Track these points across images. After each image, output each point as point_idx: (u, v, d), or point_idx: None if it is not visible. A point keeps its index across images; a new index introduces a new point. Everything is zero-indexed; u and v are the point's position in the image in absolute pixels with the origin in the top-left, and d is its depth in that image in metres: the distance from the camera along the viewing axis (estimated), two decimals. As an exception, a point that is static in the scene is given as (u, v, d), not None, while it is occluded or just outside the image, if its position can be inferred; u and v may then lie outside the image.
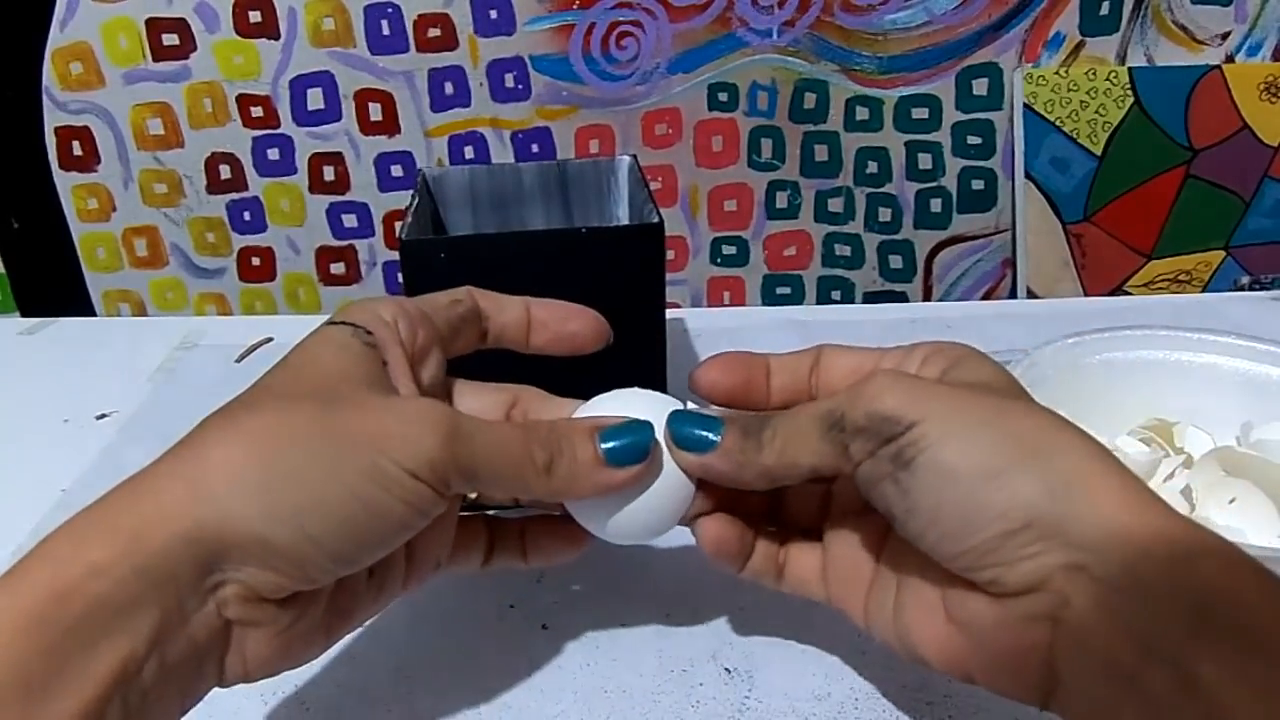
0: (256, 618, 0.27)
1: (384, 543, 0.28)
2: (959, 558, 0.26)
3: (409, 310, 0.32)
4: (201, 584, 0.25)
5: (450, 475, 0.28)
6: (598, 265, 0.42)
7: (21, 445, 0.55)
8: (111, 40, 1.20)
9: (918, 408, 0.27)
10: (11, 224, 1.31)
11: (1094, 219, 1.27)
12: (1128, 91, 1.22)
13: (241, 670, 0.27)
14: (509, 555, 0.35)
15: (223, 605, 0.26)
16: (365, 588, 0.31)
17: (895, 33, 1.21)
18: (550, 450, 0.30)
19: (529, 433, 0.30)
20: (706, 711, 0.36)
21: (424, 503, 0.28)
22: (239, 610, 0.26)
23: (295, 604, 0.27)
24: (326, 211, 1.30)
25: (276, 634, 0.27)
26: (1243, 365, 0.45)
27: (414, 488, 0.27)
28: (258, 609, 0.26)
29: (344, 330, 0.31)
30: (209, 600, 0.25)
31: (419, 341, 0.32)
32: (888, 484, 0.27)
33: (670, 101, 1.24)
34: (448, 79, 1.23)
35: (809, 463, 0.29)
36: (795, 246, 1.33)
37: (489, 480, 0.29)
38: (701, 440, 0.31)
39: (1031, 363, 0.44)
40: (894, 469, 0.27)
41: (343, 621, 0.30)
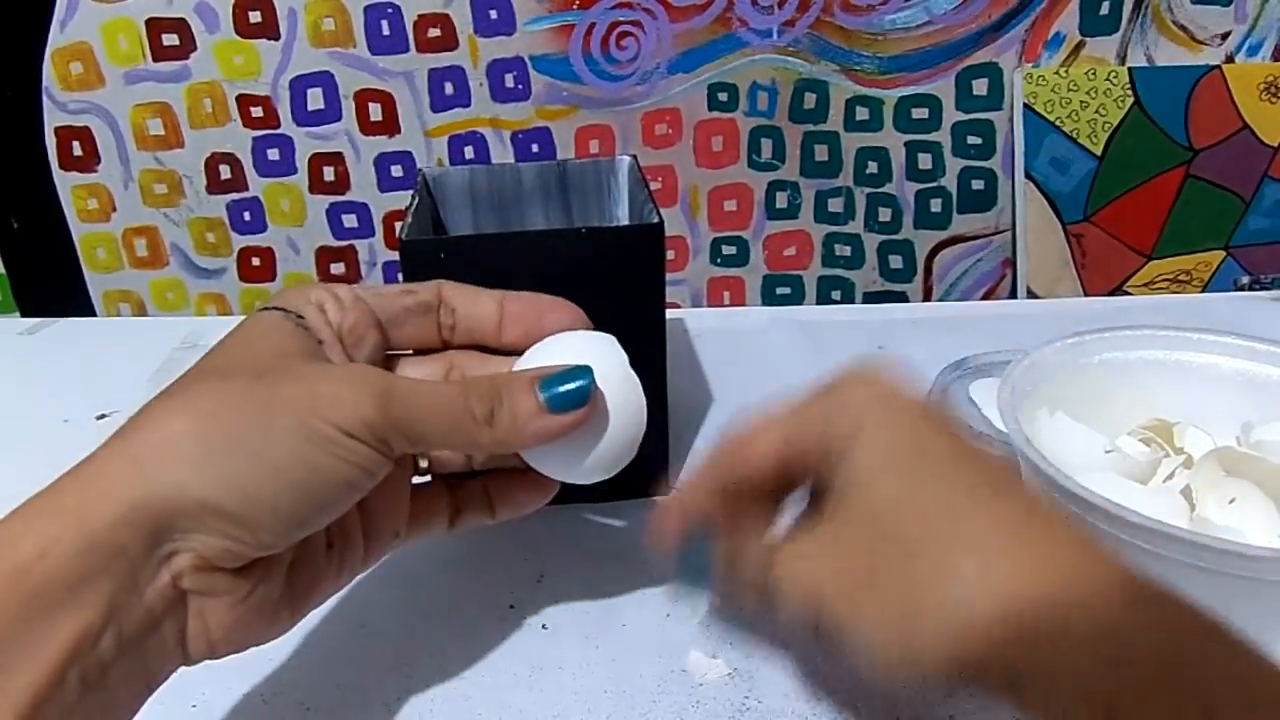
0: (212, 586, 0.27)
1: (331, 503, 0.28)
2: None
3: (340, 295, 0.33)
4: (152, 555, 0.25)
5: (388, 435, 0.28)
6: (598, 265, 0.42)
7: (21, 445, 0.55)
8: (111, 40, 1.20)
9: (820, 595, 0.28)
10: (11, 224, 1.31)
11: (1094, 219, 1.27)
12: (1128, 91, 1.22)
13: (205, 644, 0.27)
14: (476, 512, 0.35)
15: (177, 576, 0.26)
16: (325, 561, 0.31)
17: (895, 33, 1.21)
18: (490, 402, 0.30)
19: (467, 387, 0.30)
20: (706, 711, 0.36)
21: (366, 461, 0.28)
22: (194, 580, 0.26)
23: (252, 573, 0.28)
24: (326, 211, 1.30)
25: (235, 604, 0.27)
26: (1243, 365, 0.44)
27: (352, 446, 0.28)
28: (213, 578, 0.27)
29: (275, 314, 0.31)
30: (162, 571, 0.26)
31: (350, 322, 0.32)
32: None
33: (670, 101, 1.24)
34: (448, 79, 1.23)
35: None
36: (795, 246, 1.33)
37: (430, 437, 0.30)
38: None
39: (1031, 363, 0.44)
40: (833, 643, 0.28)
41: (305, 596, 0.30)
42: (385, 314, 0.33)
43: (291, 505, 0.27)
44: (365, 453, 0.28)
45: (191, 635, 0.27)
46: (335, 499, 0.28)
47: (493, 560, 0.43)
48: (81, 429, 0.56)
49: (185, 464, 0.26)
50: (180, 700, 0.36)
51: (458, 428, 0.30)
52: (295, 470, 0.27)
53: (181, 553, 0.26)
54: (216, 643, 0.27)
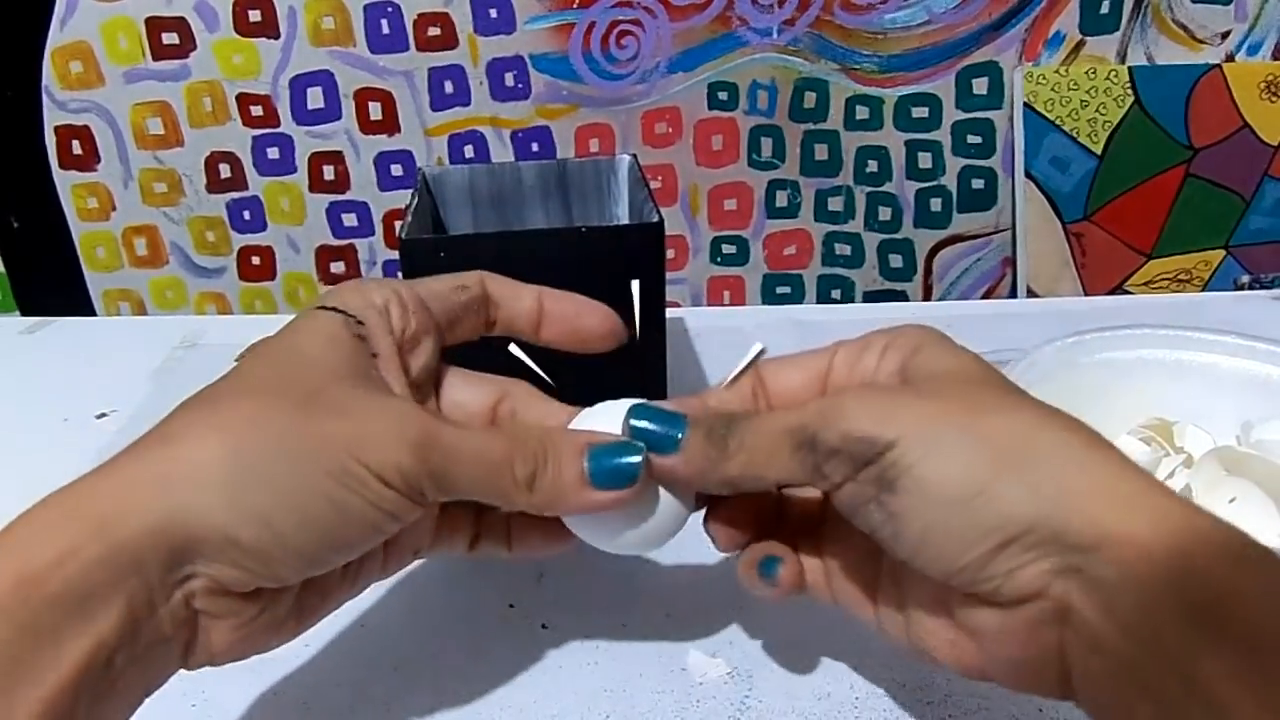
0: (222, 610, 0.26)
1: (353, 545, 0.28)
2: (953, 575, 0.26)
3: (404, 296, 0.32)
4: (169, 576, 0.25)
5: (423, 484, 0.28)
6: (598, 265, 0.42)
7: (21, 445, 0.55)
8: (111, 39, 1.20)
9: (893, 425, 0.26)
10: (11, 223, 1.31)
11: (1094, 218, 1.27)
12: (1128, 90, 1.22)
13: (206, 657, 0.27)
14: (494, 543, 0.34)
15: (190, 596, 0.26)
16: (339, 578, 0.30)
17: (895, 32, 1.21)
18: (534, 464, 0.29)
19: (513, 443, 0.29)
20: (706, 711, 0.36)
21: (396, 508, 0.27)
22: (205, 602, 0.26)
23: (261, 598, 0.27)
24: (326, 211, 1.30)
25: (241, 625, 0.27)
26: (1243, 365, 0.44)
27: (383, 493, 0.27)
28: (223, 602, 0.26)
29: (334, 319, 0.30)
30: (176, 592, 0.25)
31: (412, 329, 0.31)
32: (872, 508, 0.27)
33: (670, 100, 1.24)
34: (448, 78, 1.23)
35: (776, 477, 0.29)
36: (795, 245, 1.33)
37: (466, 490, 0.29)
38: (663, 440, 0.30)
39: (1031, 363, 0.44)
40: (877, 492, 0.26)
41: (313, 612, 0.30)
42: (443, 315, 0.33)
43: (313, 545, 0.26)
44: (396, 500, 0.27)
45: (196, 649, 0.27)
46: (356, 542, 0.28)
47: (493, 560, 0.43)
48: (81, 428, 0.56)
49: (214, 491, 0.25)
50: (180, 700, 0.36)
51: (496, 487, 0.29)
52: (324, 513, 0.26)
53: (198, 576, 0.26)
54: (218, 656, 0.27)
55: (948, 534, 0.25)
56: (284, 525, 0.26)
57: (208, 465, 0.25)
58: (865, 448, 0.27)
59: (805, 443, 0.28)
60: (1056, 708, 0.35)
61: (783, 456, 0.28)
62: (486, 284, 0.34)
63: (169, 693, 0.27)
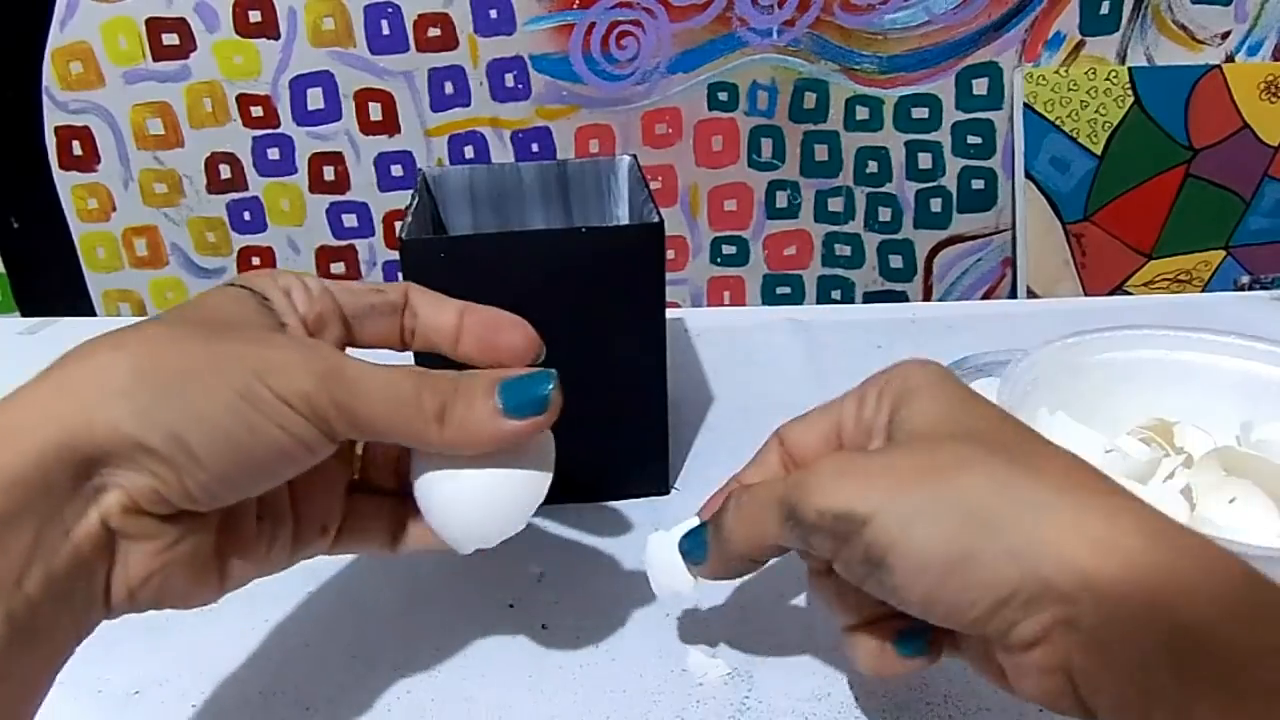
0: (139, 530, 0.26)
1: (265, 469, 0.27)
2: (966, 629, 0.27)
3: (308, 284, 0.32)
4: (80, 489, 0.25)
5: (329, 414, 0.27)
6: (598, 265, 0.42)
7: (21, 445, 0.55)
8: (111, 40, 1.20)
9: (866, 499, 0.27)
10: (11, 224, 1.31)
11: (1094, 219, 1.27)
12: (1128, 91, 1.22)
13: (126, 592, 0.27)
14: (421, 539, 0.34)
15: (106, 516, 0.25)
16: (256, 535, 0.30)
17: (895, 32, 1.21)
18: (443, 397, 0.29)
19: (422, 379, 0.29)
20: (706, 711, 0.36)
21: (303, 434, 0.27)
22: (121, 520, 0.26)
23: (178, 523, 0.27)
24: (326, 211, 1.30)
25: (159, 551, 0.27)
26: (1243, 365, 0.44)
27: (290, 416, 0.27)
28: (140, 521, 0.26)
29: (241, 292, 0.30)
30: (90, 508, 0.25)
31: (315, 313, 0.32)
32: (871, 583, 0.28)
33: (670, 101, 1.24)
34: (448, 79, 1.23)
35: (774, 543, 0.30)
36: (795, 246, 1.33)
37: (375, 424, 0.29)
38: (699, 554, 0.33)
39: (1031, 363, 0.44)
40: (869, 569, 0.27)
41: (232, 565, 0.30)
42: (351, 309, 0.33)
43: (223, 462, 0.26)
44: (304, 426, 0.27)
45: (115, 579, 0.26)
46: (269, 465, 0.27)
47: (493, 560, 0.43)
48: (81, 429, 0.56)
49: (120, 400, 0.25)
50: (180, 700, 0.36)
51: (406, 420, 0.29)
52: (230, 426, 0.26)
53: (110, 489, 0.25)
54: (136, 590, 0.27)
55: (946, 600, 0.26)
56: (192, 437, 0.26)
57: (112, 376, 0.25)
58: (842, 524, 0.27)
59: (789, 515, 0.29)
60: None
61: (773, 527, 0.30)
62: (410, 294, 0.34)
63: (168, 692, 0.27)
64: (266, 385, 0.27)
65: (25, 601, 0.24)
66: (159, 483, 0.26)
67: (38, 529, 0.24)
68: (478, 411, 0.29)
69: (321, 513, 0.32)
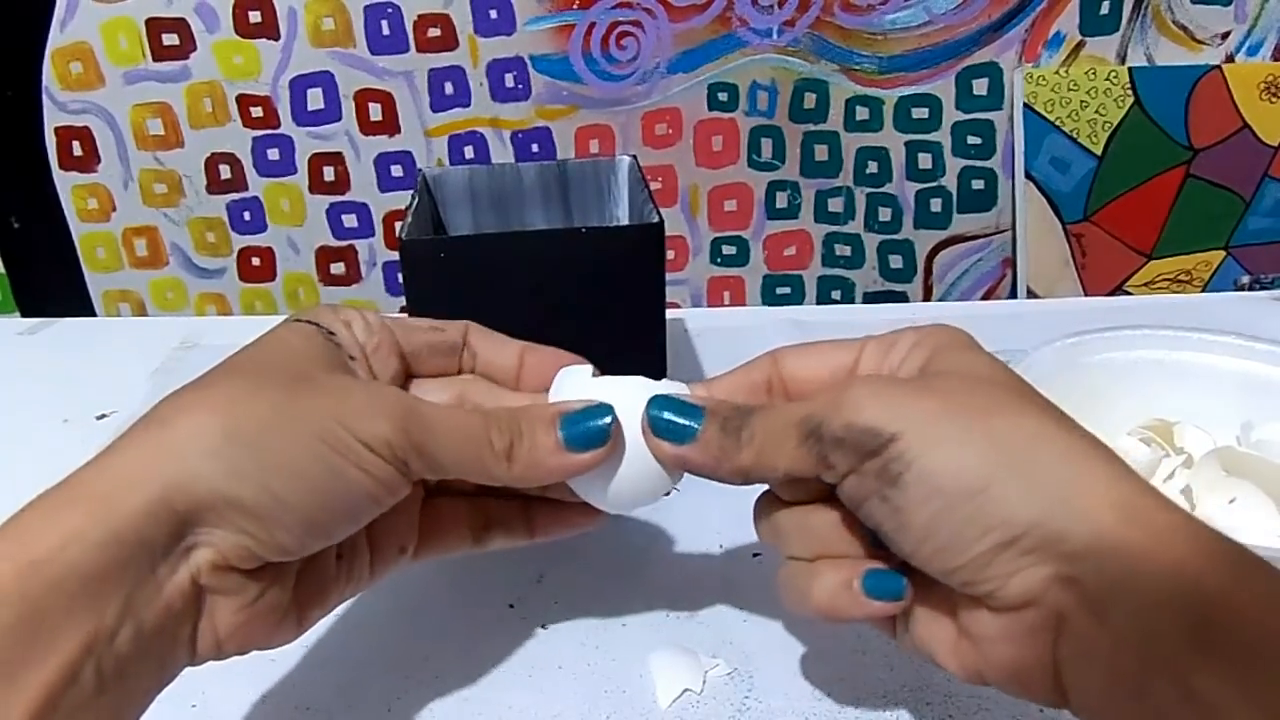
0: (227, 585, 0.27)
1: (349, 513, 0.28)
2: (953, 574, 0.26)
3: (369, 319, 0.33)
4: (174, 548, 0.25)
5: (408, 456, 0.28)
6: (598, 265, 0.42)
7: (21, 445, 0.55)
8: (111, 40, 1.20)
9: (898, 418, 0.27)
10: (11, 224, 1.31)
11: (1094, 219, 1.27)
12: (1128, 91, 1.22)
13: (213, 642, 0.27)
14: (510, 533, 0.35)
15: (196, 572, 0.26)
16: (335, 571, 0.31)
17: (895, 33, 1.21)
18: (510, 435, 0.30)
19: (488, 418, 0.30)
20: (706, 711, 0.36)
21: (385, 476, 0.28)
22: (210, 577, 0.26)
23: (263, 575, 0.28)
24: (326, 211, 1.30)
25: (244, 605, 0.27)
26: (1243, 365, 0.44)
27: (371, 459, 0.28)
28: (228, 577, 0.27)
29: (308, 327, 0.31)
30: (182, 566, 0.26)
31: (373, 346, 0.33)
32: (875, 501, 0.27)
33: (670, 101, 1.24)
34: (448, 79, 1.23)
35: (784, 467, 0.29)
36: (795, 246, 1.33)
37: (449, 465, 0.30)
38: (680, 431, 0.31)
39: (1031, 363, 0.44)
40: (881, 486, 0.27)
41: (312, 604, 0.30)
42: (409, 346, 0.34)
43: (311, 510, 0.27)
44: (385, 469, 0.28)
45: (202, 632, 0.27)
46: (354, 509, 0.28)
47: (493, 560, 0.43)
48: (81, 429, 0.56)
49: (212, 459, 0.26)
50: (180, 700, 0.36)
51: (477, 459, 0.30)
52: (318, 475, 0.27)
53: (202, 547, 0.26)
54: (223, 642, 0.27)
55: (949, 530, 0.26)
56: (281, 487, 0.26)
57: (202, 437, 0.26)
58: (869, 438, 0.27)
59: (812, 432, 0.28)
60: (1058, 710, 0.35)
61: (790, 446, 0.29)
62: (470, 334, 0.35)
63: (169, 692, 0.27)
64: (349, 430, 0.27)
65: (115, 657, 0.24)
66: (250, 539, 0.26)
67: (132, 587, 0.24)
68: (542, 448, 0.30)
69: (399, 535, 0.33)
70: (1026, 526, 0.25)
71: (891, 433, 0.26)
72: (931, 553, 0.26)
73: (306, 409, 0.28)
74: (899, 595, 0.29)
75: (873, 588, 0.29)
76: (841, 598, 0.29)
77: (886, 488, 0.26)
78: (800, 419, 0.29)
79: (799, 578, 0.30)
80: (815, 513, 0.31)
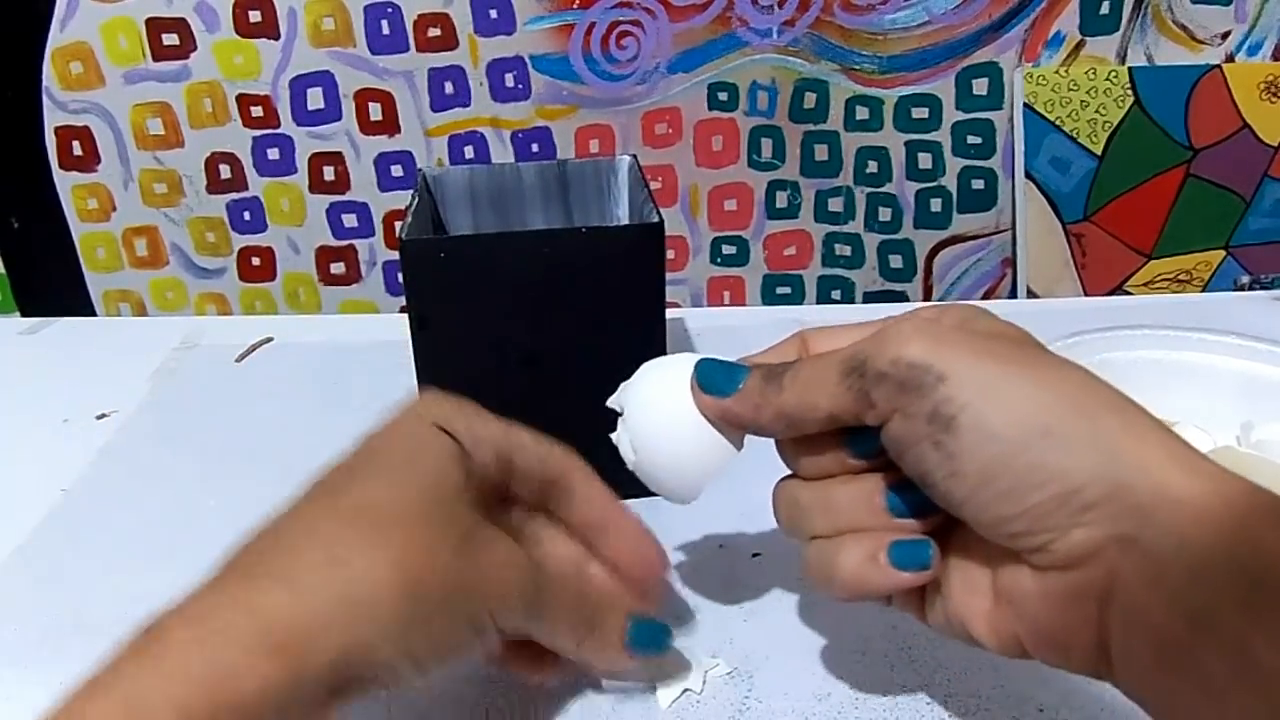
0: None
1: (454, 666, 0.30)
2: (1008, 523, 0.25)
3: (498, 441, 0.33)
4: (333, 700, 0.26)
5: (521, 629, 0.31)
6: (598, 265, 0.42)
7: (21, 445, 0.55)
8: (111, 40, 1.20)
9: (946, 358, 0.26)
10: (11, 224, 1.31)
11: (1094, 219, 1.27)
12: (1128, 91, 1.22)
13: None
14: None
15: None
16: None
17: (895, 32, 1.21)
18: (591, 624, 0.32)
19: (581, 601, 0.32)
20: (706, 711, 0.36)
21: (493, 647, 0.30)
22: None
23: None
24: (326, 211, 1.30)
25: None
26: (1243, 365, 0.45)
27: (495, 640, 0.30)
28: None
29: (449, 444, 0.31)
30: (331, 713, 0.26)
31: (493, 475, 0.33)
32: (926, 447, 0.26)
33: (670, 101, 1.24)
34: (448, 79, 1.23)
35: (826, 406, 0.28)
36: (795, 246, 1.33)
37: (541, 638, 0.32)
38: (724, 384, 0.31)
39: (1031, 363, 0.44)
40: (932, 430, 0.26)
41: None
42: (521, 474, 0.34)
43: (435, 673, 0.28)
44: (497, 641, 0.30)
45: None
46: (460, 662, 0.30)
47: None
48: (81, 429, 0.56)
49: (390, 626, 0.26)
50: (180, 700, 0.36)
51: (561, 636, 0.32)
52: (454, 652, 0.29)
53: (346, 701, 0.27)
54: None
55: (1008, 477, 0.25)
56: (428, 661, 0.28)
57: (385, 598, 0.26)
58: (916, 375, 0.26)
59: (855, 369, 0.28)
60: (1057, 709, 0.35)
61: (830, 384, 0.28)
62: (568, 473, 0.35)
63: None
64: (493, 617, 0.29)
65: None
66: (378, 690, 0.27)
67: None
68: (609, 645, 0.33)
69: None
70: (1089, 476, 0.24)
71: (940, 371, 0.26)
72: (986, 501, 0.25)
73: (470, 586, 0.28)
74: (926, 564, 0.28)
75: (899, 558, 0.28)
76: (868, 570, 0.29)
77: (939, 432, 0.26)
78: (844, 357, 0.28)
79: (824, 555, 0.30)
80: (837, 486, 0.30)
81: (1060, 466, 0.24)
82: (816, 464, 0.31)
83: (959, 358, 0.26)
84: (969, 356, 0.26)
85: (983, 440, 0.25)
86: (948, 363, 0.26)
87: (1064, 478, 0.24)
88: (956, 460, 0.25)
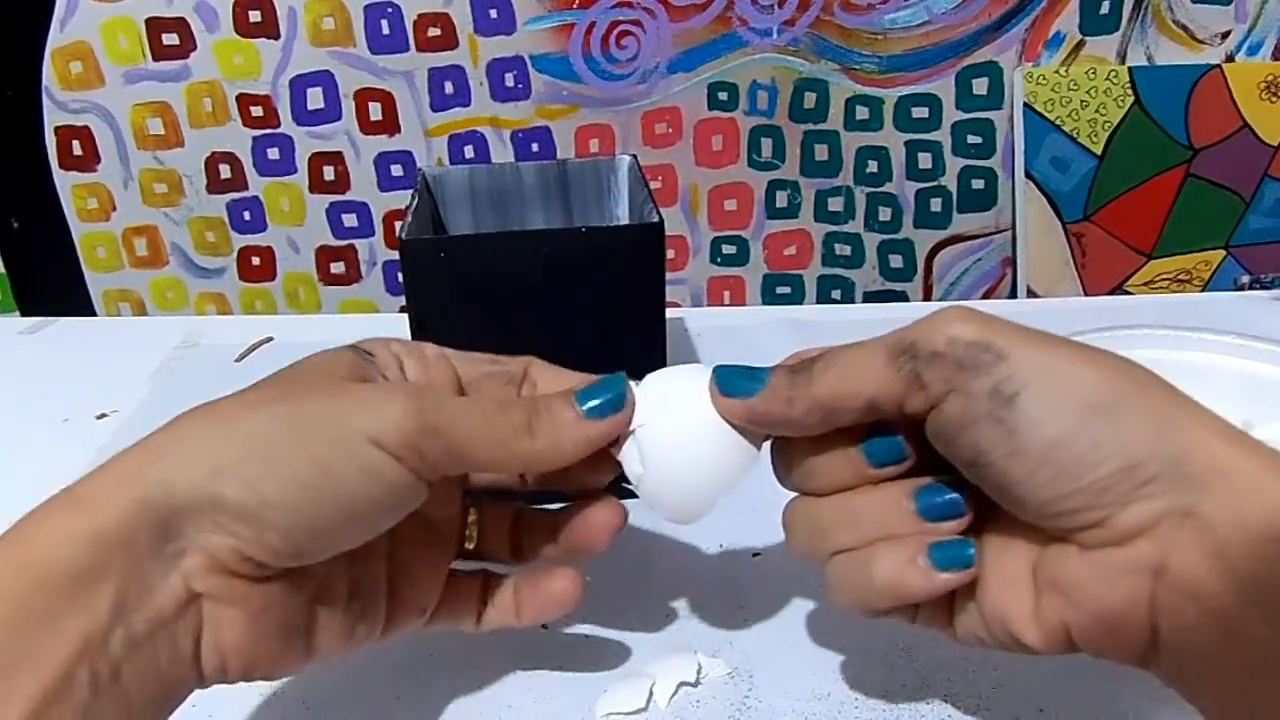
0: (226, 593, 0.26)
1: (350, 519, 0.27)
2: (1064, 500, 0.25)
3: (428, 352, 0.33)
4: (161, 549, 0.25)
5: (422, 442, 0.27)
6: (598, 265, 0.42)
7: (21, 445, 0.55)
8: (111, 40, 1.20)
9: (1002, 338, 0.26)
10: (11, 224, 1.31)
11: (1094, 218, 1.27)
12: (1128, 91, 1.22)
13: (219, 660, 0.27)
14: (502, 613, 0.35)
15: (188, 577, 0.26)
16: (345, 610, 0.30)
17: (895, 32, 1.21)
18: (528, 413, 0.30)
19: (505, 400, 0.31)
20: (706, 711, 0.36)
21: (393, 476, 0.27)
22: (205, 582, 0.26)
23: (269, 587, 0.27)
24: (326, 211, 1.30)
25: (248, 617, 0.27)
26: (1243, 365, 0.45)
27: (377, 458, 0.27)
28: (228, 583, 0.26)
29: (341, 349, 0.31)
30: (172, 570, 0.25)
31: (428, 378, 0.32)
32: (986, 424, 0.25)
33: (670, 101, 1.24)
34: (448, 78, 1.23)
35: (869, 391, 0.28)
36: (795, 246, 1.33)
37: (468, 444, 0.29)
38: (747, 386, 0.30)
39: (1031, 362, 0.44)
40: (994, 407, 0.25)
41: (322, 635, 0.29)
42: (468, 378, 0.34)
43: (303, 510, 0.26)
44: (392, 468, 0.27)
45: (205, 646, 0.27)
46: (354, 516, 0.27)
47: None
48: (81, 429, 0.56)
49: (199, 458, 0.26)
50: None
51: (499, 435, 0.29)
52: (311, 474, 0.26)
53: (190, 552, 0.26)
54: (228, 658, 0.27)
55: (1071, 453, 0.24)
56: (270, 487, 0.26)
57: (189, 439, 0.26)
58: (975, 353, 0.26)
59: (905, 350, 0.27)
60: (1058, 709, 0.35)
61: (875, 368, 0.28)
62: (531, 368, 0.35)
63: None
64: (356, 427, 0.27)
65: (110, 661, 0.24)
66: (239, 541, 0.26)
67: (120, 587, 0.24)
68: (560, 419, 0.30)
69: (422, 595, 0.33)
70: (1150, 451, 0.24)
71: (1000, 348, 0.26)
72: (1045, 480, 0.25)
73: (311, 407, 0.27)
74: (969, 563, 0.28)
75: (940, 559, 0.28)
76: (908, 574, 0.28)
77: (1000, 408, 0.25)
78: (890, 342, 0.28)
79: (853, 568, 0.29)
80: (860, 496, 0.30)
81: (1121, 442, 0.24)
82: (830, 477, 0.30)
83: (1018, 339, 0.26)
84: (1026, 339, 0.26)
85: (1045, 416, 0.25)
86: (1008, 343, 0.26)
87: (1125, 453, 0.24)
88: (1018, 437, 0.25)
